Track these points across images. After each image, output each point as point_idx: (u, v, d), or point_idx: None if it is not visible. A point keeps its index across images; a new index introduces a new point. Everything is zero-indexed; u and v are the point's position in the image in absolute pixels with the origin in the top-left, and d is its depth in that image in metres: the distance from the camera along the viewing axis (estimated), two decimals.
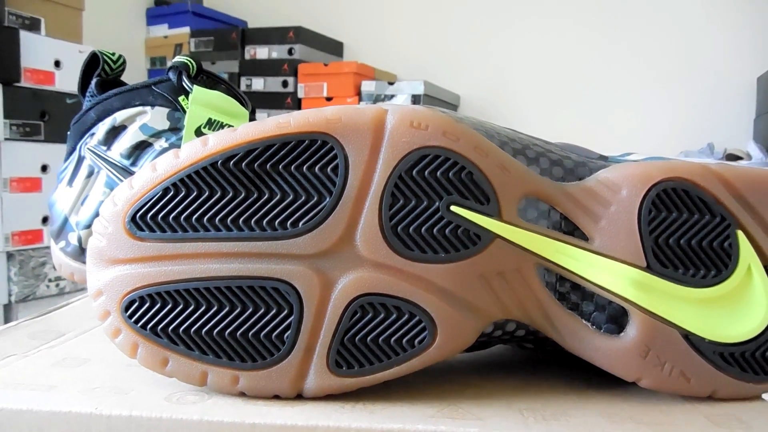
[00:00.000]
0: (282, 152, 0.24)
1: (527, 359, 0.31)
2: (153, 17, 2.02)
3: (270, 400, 0.24)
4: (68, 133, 0.45)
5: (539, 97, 1.83)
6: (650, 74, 1.76)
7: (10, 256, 1.29)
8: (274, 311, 0.24)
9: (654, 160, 0.26)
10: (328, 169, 0.24)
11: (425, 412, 0.24)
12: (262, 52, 1.87)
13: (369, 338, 0.24)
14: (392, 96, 1.70)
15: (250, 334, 0.24)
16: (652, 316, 0.25)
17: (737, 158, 1.45)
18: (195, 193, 0.24)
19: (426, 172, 0.24)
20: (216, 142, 0.24)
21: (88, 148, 0.43)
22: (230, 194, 0.24)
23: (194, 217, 0.24)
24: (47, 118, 1.35)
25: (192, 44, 1.91)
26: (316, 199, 0.24)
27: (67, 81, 1.41)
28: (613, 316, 0.25)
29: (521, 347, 0.29)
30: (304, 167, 0.24)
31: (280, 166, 0.24)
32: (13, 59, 1.32)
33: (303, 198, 0.24)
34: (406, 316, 0.24)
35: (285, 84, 1.82)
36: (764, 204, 0.25)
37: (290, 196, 0.24)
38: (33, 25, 1.40)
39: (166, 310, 0.24)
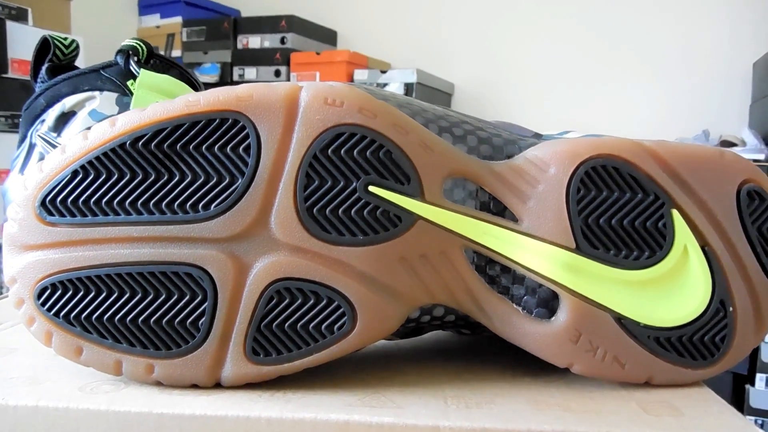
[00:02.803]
0: (192, 132, 0.23)
1: (464, 346, 0.30)
2: (145, 7, 2.01)
3: (186, 390, 0.24)
4: (20, 119, 0.44)
5: (533, 85, 1.81)
6: (645, 61, 1.74)
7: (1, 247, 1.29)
8: (187, 297, 0.23)
9: (588, 137, 0.25)
10: (240, 149, 0.23)
11: (345, 401, 0.23)
12: (254, 42, 1.85)
13: (286, 325, 0.23)
14: (385, 84, 1.68)
15: (164, 321, 0.23)
16: (583, 299, 0.24)
17: (732, 144, 1.43)
18: (104, 176, 0.23)
19: (342, 151, 0.23)
20: (124, 123, 0.23)
21: (38, 135, 0.42)
22: (139, 176, 0.23)
23: (104, 200, 0.23)
24: None
25: (184, 34, 1.90)
26: (228, 180, 0.23)
27: None
28: (543, 299, 0.24)
29: (458, 333, 0.28)
30: (215, 147, 0.23)
31: (190, 147, 0.23)
32: (0, 50, 1.31)
33: (214, 179, 0.23)
34: (324, 302, 0.23)
35: (278, 73, 1.81)
36: (700, 181, 0.24)
37: (201, 178, 0.23)
38: (20, 16, 1.39)
39: (78, 298, 0.23)
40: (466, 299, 0.24)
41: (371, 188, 0.23)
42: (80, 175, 0.23)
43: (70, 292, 0.23)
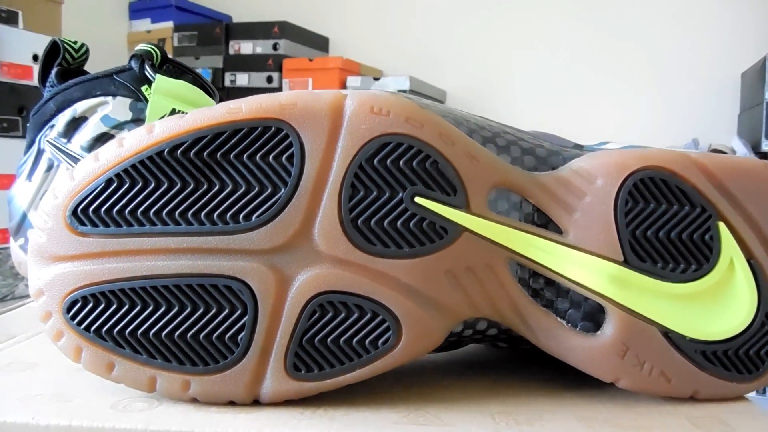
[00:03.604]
0: (233, 140, 0.22)
1: (501, 359, 0.30)
2: (135, 11, 1.99)
3: (224, 407, 0.23)
4: (27, 125, 0.43)
5: (525, 93, 1.82)
6: (635, 70, 1.75)
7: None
8: (226, 311, 0.22)
9: (631, 149, 0.25)
10: (283, 158, 0.22)
11: (390, 418, 0.22)
12: (246, 47, 1.84)
13: (329, 339, 0.23)
14: None
15: (201, 335, 0.22)
16: (630, 313, 0.23)
17: (721, 153, 1.44)
18: (140, 185, 0.22)
19: (388, 161, 0.22)
20: (162, 130, 0.22)
21: (47, 141, 0.41)
22: (178, 185, 0.22)
23: (139, 210, 0.22)
24: (25, 113, 1.32)
25: (175, 39, 1.88)
26: (270, 190, 0.22)
27: None
28: (589, 313, 0.24)
29: (494, 346, 0.28)
30: (257, 156, 0.22)
31: (231, 155, 0.22)
32: None
33: (256, 189, 0.22)
34: (369, 316, 0.22)
35: (270, 80, 1.80)
36: (747, 194, 0.24)
37: (242, 188, 0.22)
38: (10, 18, 1.37)
39: (111, 311, 0.23)
40: (510, 313, 0.24)
41: (417, 199, 0.22)
42: (115, 184, 0.22)
43: (102, 306, 0.23)
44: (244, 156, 0.22)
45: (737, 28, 1.68)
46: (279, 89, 1.77)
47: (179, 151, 0.22)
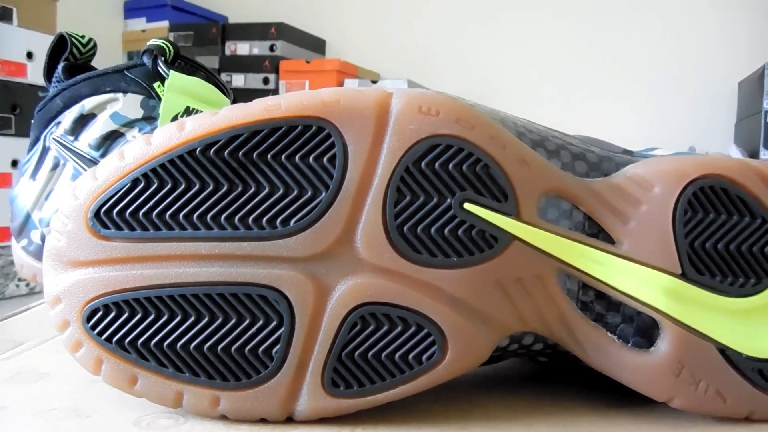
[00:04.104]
0: (271, 139, 0.21)
1: (541, 374, 0.28)
2: (131, 10, 1.96)
3: (255, 425, 0.21)
4: (32, 121, 0.41)
5: (522, 97, 1.82)
6: (633, 78, 1.75)
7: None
8: (261, 322, 0.21)
9: (686, 155, 0.23)
10: (324, 159, 0.21)
11: None
12: (242, 48, 1.82)
13: (370, 354, 0.21)
14: None
15: (233, 348, 0.21)
16: (687, 328, 0.22)
17: None
18: (169, 186, 0.21)
19: (437, 164, 0.21)
20: (194, 127, 0.21)
21: (53, 138, 0.39)
22: (210, 187, 0.21)
23: (168, 212, 0.21)
24: (18, 111, 1.30)
25: (171, 39, 1.86)
26: (310, 193, 0.21)
27: (40, 73, 1.35)
28: (642, 328, 0.23)
29: (533, 360, 0.27)
30: (297, 157, 0.21)
31: (269, 156, 0.21)
32: None
33: (295, 192, 0.21)
34: (413, 329, 0.21)
35: (266, 81, 1.78)
36: None
37: (280, 190, 0.21)
38: (5, 15, 1.35)
39: (135, 321, 0.21)
40: (559, 327, 0.22)
41: (467, 205, 0.21)
42: (142, 184, 0.21)
43: (125, 315, 0.21)
44: (283, 156, 0.21)
45: (735, 36, 1.69)
46: (276, 91, 1.75)
47: (212, 151, 0.21)
